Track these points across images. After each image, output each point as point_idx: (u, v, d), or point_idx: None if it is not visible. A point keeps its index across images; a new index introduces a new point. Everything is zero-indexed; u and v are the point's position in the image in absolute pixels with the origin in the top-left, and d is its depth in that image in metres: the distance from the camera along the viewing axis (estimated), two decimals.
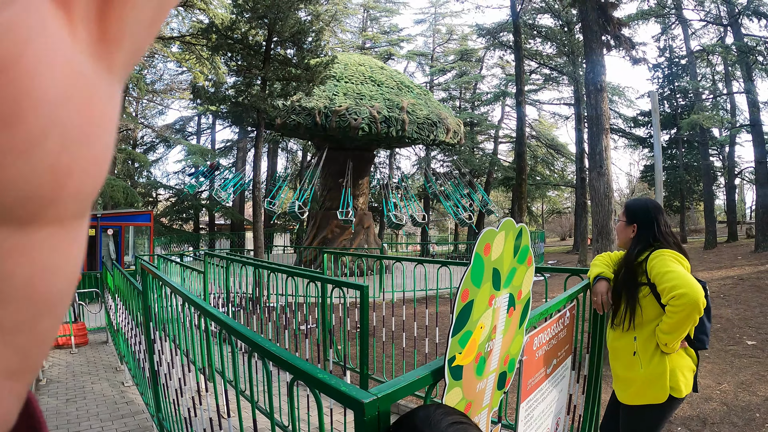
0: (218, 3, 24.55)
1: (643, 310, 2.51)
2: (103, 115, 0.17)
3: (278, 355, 1.52)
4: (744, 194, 37.12)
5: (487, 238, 1.35)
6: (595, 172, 7.50)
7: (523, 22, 24.29)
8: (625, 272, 2.61)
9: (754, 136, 17.78)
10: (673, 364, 2.45)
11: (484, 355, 1.46)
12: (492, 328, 1.48)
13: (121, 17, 0.17)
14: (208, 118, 32.57)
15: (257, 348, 1.68)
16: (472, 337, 1.36)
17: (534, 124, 35.15)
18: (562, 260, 24.26)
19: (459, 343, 1.31)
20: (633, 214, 2.72)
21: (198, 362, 3.04)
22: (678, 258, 2.46)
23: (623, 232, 2.75)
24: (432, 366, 1.31)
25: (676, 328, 2.32)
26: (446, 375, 1.29)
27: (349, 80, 18.31)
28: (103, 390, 5.88)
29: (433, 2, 39.41)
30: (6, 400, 0.18)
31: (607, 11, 8.50)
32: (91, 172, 0.17)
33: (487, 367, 1.51)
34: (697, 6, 22.66)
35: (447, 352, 1.28)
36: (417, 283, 5.80)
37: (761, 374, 5.78)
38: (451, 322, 1.28)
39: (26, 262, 0.16)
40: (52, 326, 0.19)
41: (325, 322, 4.40)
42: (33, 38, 0.15)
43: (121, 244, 15.72)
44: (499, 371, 1.63)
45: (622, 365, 2.61)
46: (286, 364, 1.44)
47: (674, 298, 2.28)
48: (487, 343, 1.47)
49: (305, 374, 1.33)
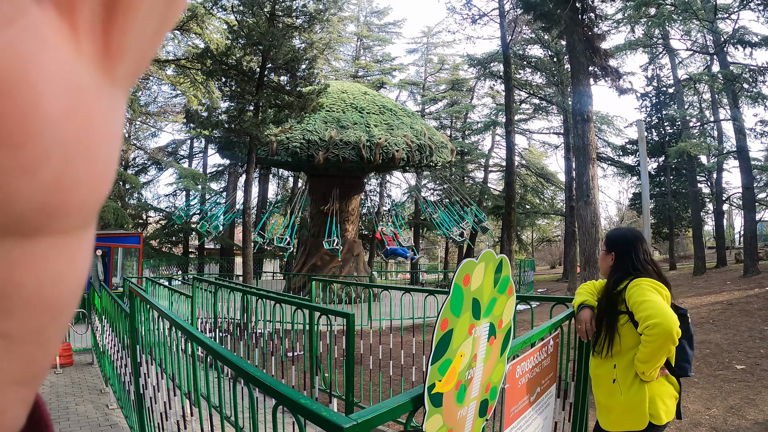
0: (214, 28, 24.84)
1: (621, 339, 2.55)
2: (107, 128, 0.18)
3: (262, 380, 1.54)
4: (732, 220, 37.45)
5: (467, 269, 1.39)
6: (583, 201, 7.60)
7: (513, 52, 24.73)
8: (605, 301, 2.66)
9: (741, 162, 18.06)
10: (653, 391, 2.48)
11: (464, 382, 1.49)
12: (472, 356, 1.51)
13: (125, 30, 0.17)
14: (201, 142, 32.66)
15: (242, 373, 1.70)
16: (451, 365, 1.39)
17: (524, 153, 35.52)
18: (552, 288, 24.29)
19: (438, 371, 1.35)
20: (612, 243, 2.78)
21: (184, 387, 3.04)
22: (656, 287, 2.50)
23: (603, 261, 2.80)
24: (412, 393, 1.34)
25: (651, 357, 2.36)
26: (426, 402, 1.32)
27: (331, 108, 18.37)
28: (87, 412, 5.79)
29: (425, 32, 40.06)
30: (14, 405, 0.18)
31: (594, 43, 8.71)
32: (95, 184, 0.18)
33: (467, 395, 1.54)
34: (684, 36, 23.20)
35: (426, 380, 1.31)
36: (405, 312, 5.81)
37: (750, 398, 5.80)
38: (431, 350, 1.31)
39: (34, 272, 0.17)
40: (58, 333, 0.19)
41: (312, 349, 4.40)
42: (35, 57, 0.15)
43: (109, 266, 15.58)
44: (481, 399, 1.65)
45: (603, 392, 2.64)
46: (270, 390, 1.46)
47: (648, 327, 2.32)
48: (467, 371, 1.50)
49: (288, 400, 1.36)
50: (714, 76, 19.52)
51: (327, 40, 33.38)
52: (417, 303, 5.87)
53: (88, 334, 9.06)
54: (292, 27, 14.44)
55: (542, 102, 31.17)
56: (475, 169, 37.70)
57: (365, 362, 6.20)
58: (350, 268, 19.21)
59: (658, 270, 2.71)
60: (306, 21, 14.92)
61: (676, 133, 25.96)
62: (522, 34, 26.05)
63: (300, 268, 19.47)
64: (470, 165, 36.84)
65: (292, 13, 14.69)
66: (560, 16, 8.32)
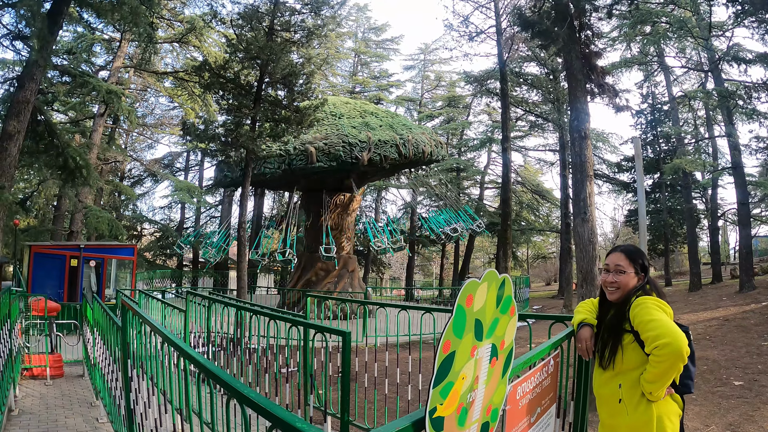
0: (213, 42, 24.94)
1: (625, 357, 2.49)
2: None
3: (256, 401, 1.49)
4: (727, 236, 37.59)
5: (470, 290, 1.35)
6: (580, 218, 7.58)
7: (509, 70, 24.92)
8: (615, 319, 2.59)
9: (736, 178, 18.15)
10: (659, 410, 2.42)
11: (466, 405, 1.45)
12: (474, 378, 1.46)
13: None
14: (197, 155, 32.64)
15: (235, 393, 1.65)
16: (453, 388, 1.35)
17: (520, 170, 35.65)
18: (547, 305, 24.24)
19: (440, 394, 1.30)
20: (644, 263, 2.70)
21: (175, 402, 2.97)
22: (661, 305, 2.45)
23: (629, 279, 2.67)
24: (413, 417, 1.29)
25: (660, 377, 2.31)
26: (427, 426, 1.27)
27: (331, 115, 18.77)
28: (77, 425, 5.68)
29: (422, 49, 40.36)
30: None
31: (591, 60, 8.74)
32: None
33: (469, 418, 1.49)
34: (679, 53, 23.45)
35: (428, 404, 1.27)
36: (400, 329, 5.75)
37: (749, 414, 5.76)
38: (433, 373, 1.27)
39: None
40: None
41: (307, 366, 4.34)
42: None
43: (102, 277, 15.47)
44: (482, 421, 1.61)
45: (608, 412, 2.58)
46: (265, 412, 1.41)
47: (658, 347, 2.26)
48: (469, 394, 1.45)
49: (284, 423, 1.31)
50: (709, 93, 19.68)
51: (325, 56, 33.56)
52: (412, 320, 5.80)
53: (79, 345, 8.95)
54: (291, 42, 14.50)
55: (538, 119, 31.36)
56: (470, 185, 37.81)
57: (360, 379, 6.13)
58: (345, 283, 19.15)
59: (658, 287, 2.66)
60: (304, 36, 14.99)
61: (671, 150, 26.14)
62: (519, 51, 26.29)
63: (295, 283, 19.40)
64: (466, 182, 36.94)
65: (291, 28, 14.76)
66: (558, 33, 8.37)
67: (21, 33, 11.25)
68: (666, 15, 18.69)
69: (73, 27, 21.43)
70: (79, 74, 17.70)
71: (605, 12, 10.22)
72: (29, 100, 10.45)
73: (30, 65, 10.64)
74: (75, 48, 21.04)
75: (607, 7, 9.90)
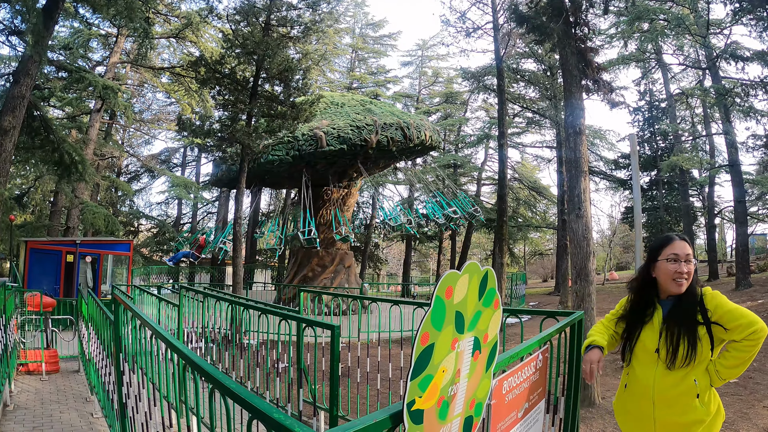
0: (209, 37, 24.87)
1: (701, 350, 2.43)
2: None
3: (237, 393, 1.49)
4: (724, 233, 37.62)
5: (449, 281, 1.34)
6: (574, 214, 7.57)
7: (506, 66, 24.83)
8: (684, 309, 2.50)
9: (732, 176, 18.18)
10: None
11: (447, 399, 1.44)
12: (455, 371, 1.46)
13: None
14: (194, 150, 32.57)
15: (217, 384, 1.65)
16: (433, 381, 1.34)
17: (517, 166, 35.60)
18: (544, 302, 24.27)
19: (419, 387, 1.29)
20: None
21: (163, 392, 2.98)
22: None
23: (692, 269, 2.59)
24: (391, 409, 1.29)
25: (748, 361, 2.36)
26: (405, 419, 1.27)
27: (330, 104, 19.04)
28: (72, 420, 5.69)
29: (420, 45, 40.29)
30: None
31: (587, 56, 8.71)
32: None
33: (450, 412, 1.48)
34: (677, 50, 23.40)
35: (405, 396, 1.26)
36: (393, 324, 5.75)
37: (743, 412, 5.76)
38: (410, 365, 1.26)
39: None
40: None
41: (299, 360, 4.34)
42: None
43: (99, 273, 15.43)
44: (465, 416, 1.60)
45: (677, 412, 2.47)
46: (244, 403, 1.41)
47: (754, 332, 2.30)
48: (450, 387, 1.44)
49: (261, 413, 1.31)
50: (706, 90, 19.69)
51: (322, 51, 33.48)
52: (406, 315, 5.81)
53: (75, 341, 8.95)
54: (287, 37, 14.45)
55: (535, 116, 31.28)
56: (467, 182, 37.76)
57: (353, 375, 6.13)
58: (342, 279, 19.14)
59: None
60: (301, 32, 14.94)
61: (668, 147, 26.15)
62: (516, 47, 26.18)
63: (291, 278, 19.40)
64: (463, 178, 36.89)
65: (287, 23, 14.72)
66: (553, 29, 8.34)
67: (16, 28, 11.21)
68: (664, 12, 18.69)
69: (70, 22, 21.40)
70: (75, 70, 17.68)
71: (601, 8, 10.20)
72: (24, 96, 10.42)
73: (25, 61, 10.60)
74: (72, 43, 20.99)
75: (603, 2, 9.86)
